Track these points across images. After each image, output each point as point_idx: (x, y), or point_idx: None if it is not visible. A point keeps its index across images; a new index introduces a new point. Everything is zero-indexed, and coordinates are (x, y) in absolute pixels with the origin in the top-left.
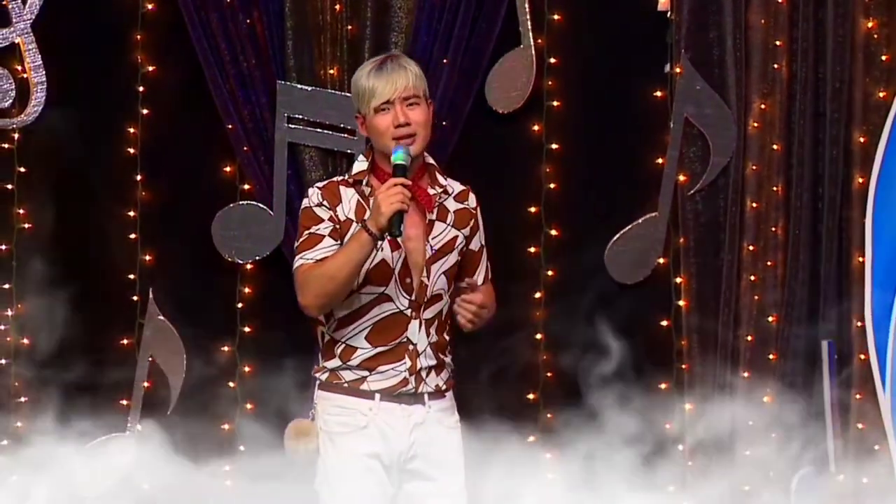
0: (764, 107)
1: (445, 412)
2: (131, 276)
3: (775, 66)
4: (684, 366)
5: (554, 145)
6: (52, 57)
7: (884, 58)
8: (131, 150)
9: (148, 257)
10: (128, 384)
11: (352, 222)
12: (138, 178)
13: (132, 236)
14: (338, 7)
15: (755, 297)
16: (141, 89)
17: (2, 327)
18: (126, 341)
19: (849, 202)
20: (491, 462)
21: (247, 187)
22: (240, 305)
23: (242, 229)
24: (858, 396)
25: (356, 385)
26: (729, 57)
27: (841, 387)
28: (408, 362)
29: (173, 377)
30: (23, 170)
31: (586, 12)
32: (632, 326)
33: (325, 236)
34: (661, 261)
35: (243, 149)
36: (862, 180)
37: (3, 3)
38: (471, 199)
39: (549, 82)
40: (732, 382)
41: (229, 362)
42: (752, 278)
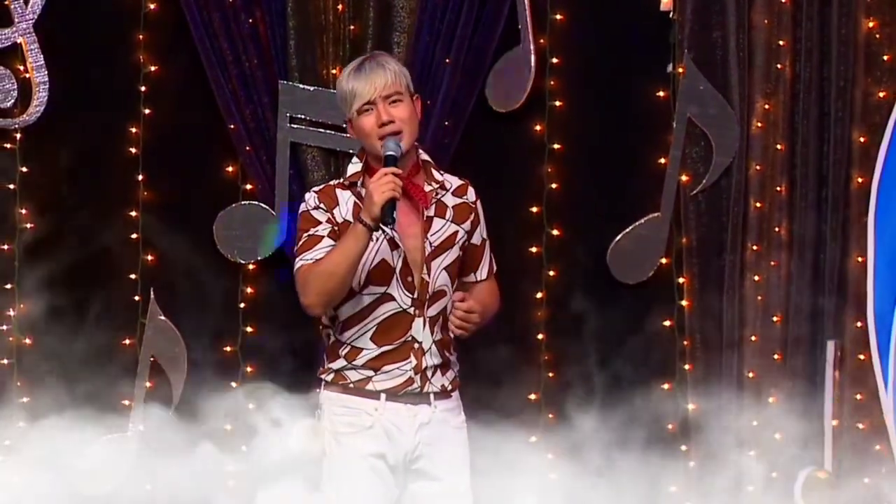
0: (767, 107)
1: (451, 412)
2: (133, 276)
3: (778, 66)
4: (687, 366)
5: (556, 145)
6: (55, 57)
7: (885, 58)
8: (133, 150)
9: (150, 257)
10: (129, 384)
11: (349, 224)
12: (140, 177)
13: (134, 236)
14: (340, 7)
15: (759, 298)
16: (143, 89)
17: (4, 327)
18: (128, 341)
19: (850, 202)
20: (492, 462)
21: (249, 187)
22: (242, 305)
23: (244, 229)
24: (860, 397)
25: (361, 385)
26: (732, 57)
27: (843, 387)
28: (413, 361)
29: (175, 377)
30: (25, 170)
31: (588, 12)
32: (634, 327)
33: (323, 237)
34: (663, 261)
35: (245, 149)
36: (863, 180)
37: (6, 2)
38: (470, 193)
39: (551, 82)
40: (736, 383)
41: (231, 362)
42: (755, 278)
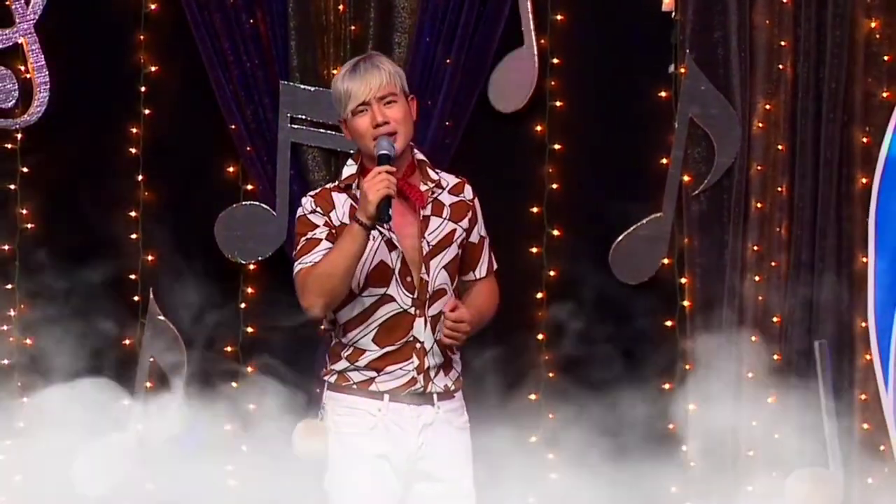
0: (769, 107)
1: (455, 412)
2: (133, 277)
3: (780, 67)
4: (688, 366)
5: (557, 146)
6: (56, 57)
7: (886, 58)
8: (133, 151)
9: (150, 257)
10: (129, 384)
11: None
12: (140, 178)
13: (134, 236)
14: (341, 7)
15: (759, 298)
16: (143, 89)
17: (4, 327)
18: (127, 341)
19: (852, 202)
20: (492, 462)
21: (250, 188)
22: (242, 306)
23: (245, 229)
24: (863, 397)
25: (365, 386)
26: (734, 57)
27: (845, 387)
28: (415, 361)
29: (175, 377)
30: (26, 170)
31: (590, 12)
32: (636, 327)
33: (321, 240)
34: (665, 261)
35: (246, 149)
36: (865, 180)
37: (7, 3)
38: (467, 190)
39: (552, 82)
40: (737, 383)
41: (231, 362)
42: (756, 279)
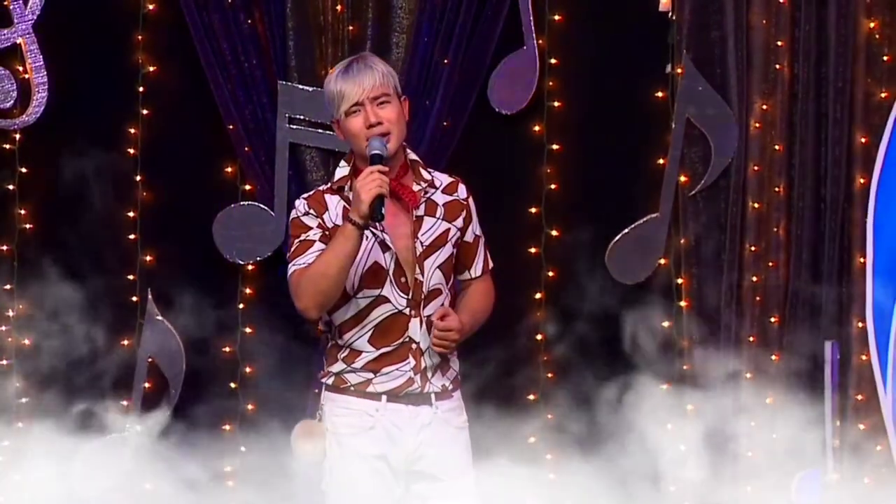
0: (765, 107)
1: (453, 412)
2: (131, 277)
3: (777, 67)
4: (686, 366)
5: (555, 146)
6: (54, 57)
7: (885, 58)
8: (132, 151)
9: (148, 258)
10: (128, 385)
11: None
12: (139, 178)
13: (132, 237)
14: (339, 7)
15: (757, 298)
16: (142, 90)
17: (3, 328)
18: (126, 342)
19: (850, 202)
20: (492, 462)
21: (248, 188)
22: (241, 306)
23: (243, 230)
24: (860, 397)
25: (362, 387)
26: (730, 57)
27: (842, 387)
28: (412, 361)
29: (173, 378)
30: (24, 170)
31: (587, 13)
32: (633, 327)
33: (314, 241)
34: (662, 261)
35: (244, 149)
36: (863, 181)
37: (5, 3)
38: (460, 189)
39: (550, 83)
40: (735, 383)
41: (230, 363)
42: (753, 279)
